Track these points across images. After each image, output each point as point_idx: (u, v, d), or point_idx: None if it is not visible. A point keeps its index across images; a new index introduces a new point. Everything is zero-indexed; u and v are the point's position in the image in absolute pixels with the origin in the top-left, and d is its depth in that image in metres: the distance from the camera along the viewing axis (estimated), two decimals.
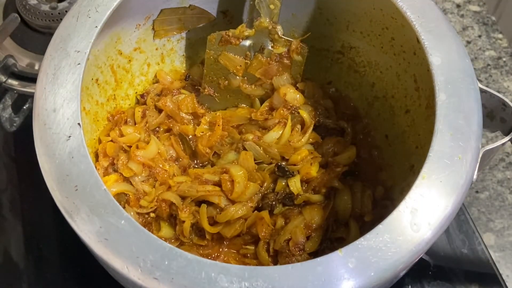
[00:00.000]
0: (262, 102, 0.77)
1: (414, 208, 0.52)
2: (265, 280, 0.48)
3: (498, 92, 0.64)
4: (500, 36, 1.02)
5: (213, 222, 0.67)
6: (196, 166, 0.73)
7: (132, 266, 0.49)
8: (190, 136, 0.73)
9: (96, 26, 0.61)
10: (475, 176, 0.56)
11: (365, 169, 0.74)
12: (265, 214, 0.67)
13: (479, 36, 1.02)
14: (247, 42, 0.74)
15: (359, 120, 0.78)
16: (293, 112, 0.74)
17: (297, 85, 0.77)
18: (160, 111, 0.74)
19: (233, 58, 0.74)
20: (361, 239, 0.50)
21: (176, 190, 0.67)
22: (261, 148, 0.71)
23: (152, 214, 0.68)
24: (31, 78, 0.84)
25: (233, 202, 0.67)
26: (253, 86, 0.77)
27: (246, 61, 0.75)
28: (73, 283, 0.74)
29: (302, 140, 0.72)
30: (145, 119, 0.73)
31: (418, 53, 0.64)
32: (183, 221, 0.66)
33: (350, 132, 0.75)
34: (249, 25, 0.73)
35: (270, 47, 0.74)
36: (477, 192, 0.86)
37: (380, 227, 0.51)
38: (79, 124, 0.55)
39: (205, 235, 0.67)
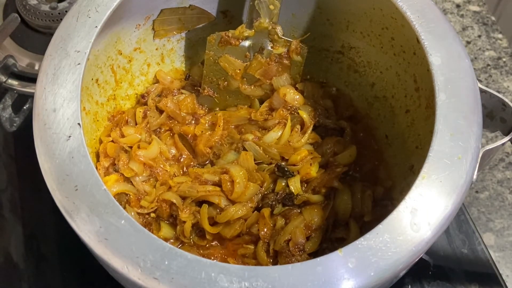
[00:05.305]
0: (261, 102, 0.77)
1: (414, 208, 0.52)
2: (265, 280, 0.48)
3: (498, 92, 0.64)
4: (500, 36, 1.02)
5: (213, 222, 0.67)
6: (196, 166, 0.73)
7: (132, 266, 0.49)
8: (190, 136, 0.73)
9: (96, 26, 0.61)
10: (475, 176, 0.56)
11: (365, 169, 0.74)
12: (266, 211, 0.67)
13: (479, 36, 1.02)
14: (247, 43, 0.74)
15: (359, 120, 0.78)
16: (293, 112, 0.74)
17: (297, 86, 0.77)
18: (161, 111, 0.74)
19: (232, 61, 0.74)
20: (361, 239, 0.50)
21: (177, 191, 0.67)
22: (261, 148, 0.71)
23: (152, 214, 0.68)
24: (31, 78, 0.84)
25: (233, 202, 0.67)
26: (252, 87, 0.77)
27: (246, 63, 0.75)
28: (73, 283, 0.74)
29: (302, 140, 0.72)
30: (146, 119, 0.73)
31: (418, 53, 0.64)
32: (184, 222, 0.66)
33: (350, 132, 0.75)
34: (248, 26, 0.73)
35: (269, 48, 0.74)
36: (477, 192, 0.86)
37: (380, 227, 0.51)
38: (79, 124, 0.55)
39: (205, 235, 0.67)
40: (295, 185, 0.69)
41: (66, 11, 0.90)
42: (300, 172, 0.70)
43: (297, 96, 0.74)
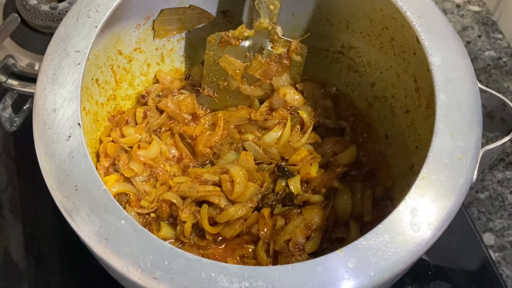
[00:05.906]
0: (261, 102, 0.77)
1: (414, 208, 0.52)
2: (265, 280, 0.48)
3: (498, 92, 0.64)
4: (500, 36, 1.02)
5: (213, 222, 0.67)
6: (196, 166, 0.73)
7: (132, 266, 0.49)
8: (190, 136, 0.73)
9: (96, 26, 0.61)
10: (475, 176, 0.56)
11: (365, 169, 0.74)
12: (266, 211, 0.67)
13: (479, 36, 1.02)
14: (247, 43, 0.74)
15: (359, 120, 0.78)
16: (293, 112, 0.74)
17: (297, 86, 0.77)
18: (161, 111, 0.74)
19: (232, 61, 0.74)
20: (361, 239, 0.50)
21: (177, 191, 0.67)
22: (261, 148, 0.71)
23: (152, 214, 0.68)
24: (31, 78, 0.84)
25: (233, 202, 0.67)
26: (252, 87, 0.77)
27: (246, 63, 0.75)
28: (73, 283, 0.74)
29: (302, 140, 0.72)
30: (146, 119, 0.73)
31: (418, 53, 0.64)
32: (184, 222, 0.66)
33: (350, 132, 0.75)
34: (248, 26, 0.73)
35: (269, 48, 0.74)
36: (477, 192, 0.86)
37: (380, 227, 0.51)
38: (79, 124, 0.56)
39: (205, 235, 0.67)
40: (295, 185, 0.69)
41: (66, 11, 0.90)
42: (300, 172, 0.70)
43: (297, 96, 0.74)
